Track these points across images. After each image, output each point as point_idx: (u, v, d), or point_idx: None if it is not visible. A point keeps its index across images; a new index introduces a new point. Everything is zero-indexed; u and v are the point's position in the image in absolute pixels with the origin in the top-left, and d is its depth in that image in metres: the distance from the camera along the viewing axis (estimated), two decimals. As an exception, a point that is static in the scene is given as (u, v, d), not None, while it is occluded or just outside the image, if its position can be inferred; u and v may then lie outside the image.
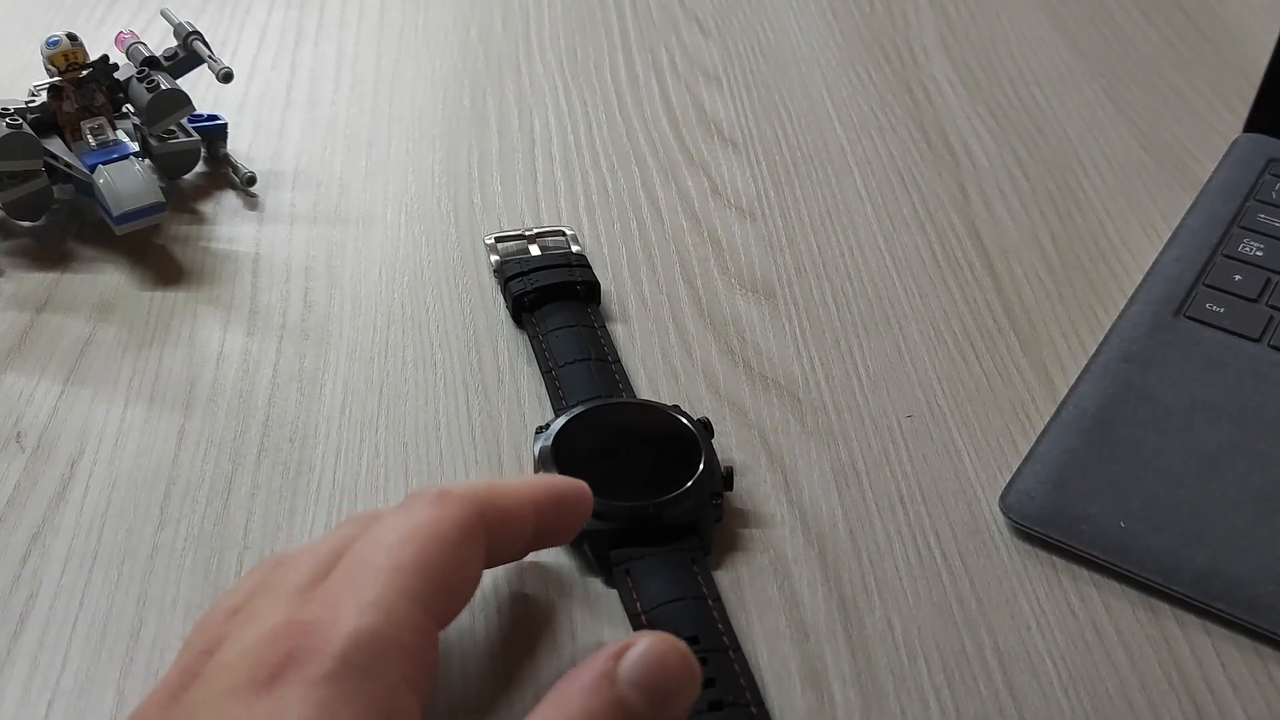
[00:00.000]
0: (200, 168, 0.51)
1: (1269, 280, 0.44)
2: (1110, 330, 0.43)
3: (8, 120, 0.44)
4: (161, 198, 0.45)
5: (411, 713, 0.25)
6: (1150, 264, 0.46)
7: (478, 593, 0.34)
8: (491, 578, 0.35)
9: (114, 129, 0.47)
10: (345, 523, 0.31)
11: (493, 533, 0.29)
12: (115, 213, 0.44)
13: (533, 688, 0.32)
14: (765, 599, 0.35)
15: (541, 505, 0.31)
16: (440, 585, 0.27)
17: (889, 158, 0.53)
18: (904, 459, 0.39)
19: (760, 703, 0.31)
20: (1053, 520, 0.36)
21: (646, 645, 0.26)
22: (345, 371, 0.42)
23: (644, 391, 0.41)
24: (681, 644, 0.27)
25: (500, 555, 0.30)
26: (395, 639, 0.25)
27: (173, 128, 0.49)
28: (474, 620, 0.34)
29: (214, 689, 0.24)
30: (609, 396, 0.39)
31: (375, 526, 0.28)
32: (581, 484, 0.32)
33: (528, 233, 0.46)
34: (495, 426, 0.40)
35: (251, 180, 0.50)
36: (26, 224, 0.47)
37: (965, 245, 0.48)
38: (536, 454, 0.37)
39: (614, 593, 0.34)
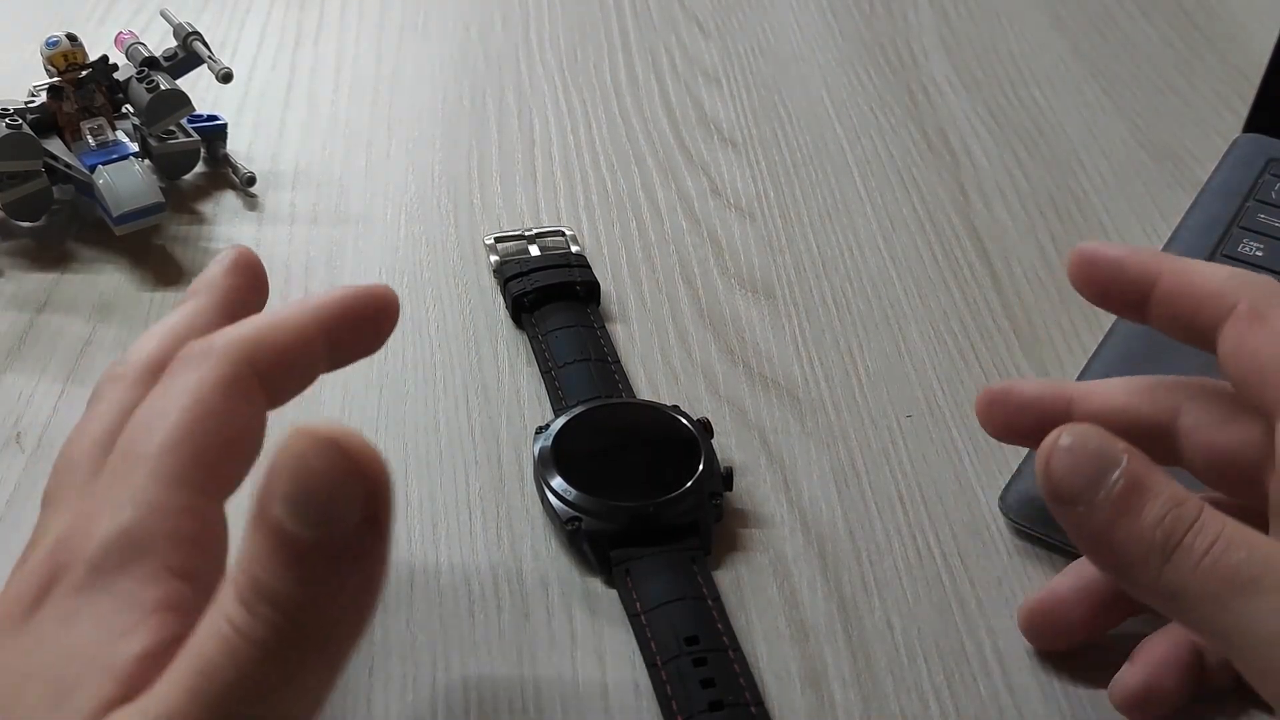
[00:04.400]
0: (200, 168, 0.51)
1: (1269, 280, 0.44)
2: (1110, 330, 0.43)
3: (8, 120, 0.44)
4: (161, 198, 0.45)
5: (175, 596, 0.24)
6: (1150, 264, 0.46)
7: (477, 592, 0.34)
8: (491, 577, 0.35)
9: (114, 129, 0.47)
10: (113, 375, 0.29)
11: (272, 375, 0.27)
12: (115, 213, 0.44)
13: (532, 688, 0.32)
14: (765, 599, 0.35)
15: (328, 323, 0.28)
16: (208, 455, 0.25)
17: (889, 158, 0.53)
18: (904, 459, 0.39)
19: (760, 703, 0.31)
20: (1052, 520, 0.36)
21: (288, 453, 0.21)
22: (345, 372, 0.41)
23: (644, 392, 0.41)
24: (340, 438, 0.21)
25: (290, 392, 0.28)
26: (150, 530, 0.24)
27: (172, 128, 0.49)
28: (473, 620, 0.34)
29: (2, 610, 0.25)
30: (609, 397, 0.39)
31: (140, 407, 0.26)
32: (378, 287, 0.30)
33: (527, 233, 0.46)
34: (495, 426, 0.40)
35: (251, 180, 0.50)
36: (26, 224, 0.47)
37: (965, 245, 0.48)
38: (536, 454, 0.37)
39: (614, 593, 0.34)
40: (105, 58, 0.47)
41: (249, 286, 0.31)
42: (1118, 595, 0.32)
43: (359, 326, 0.29)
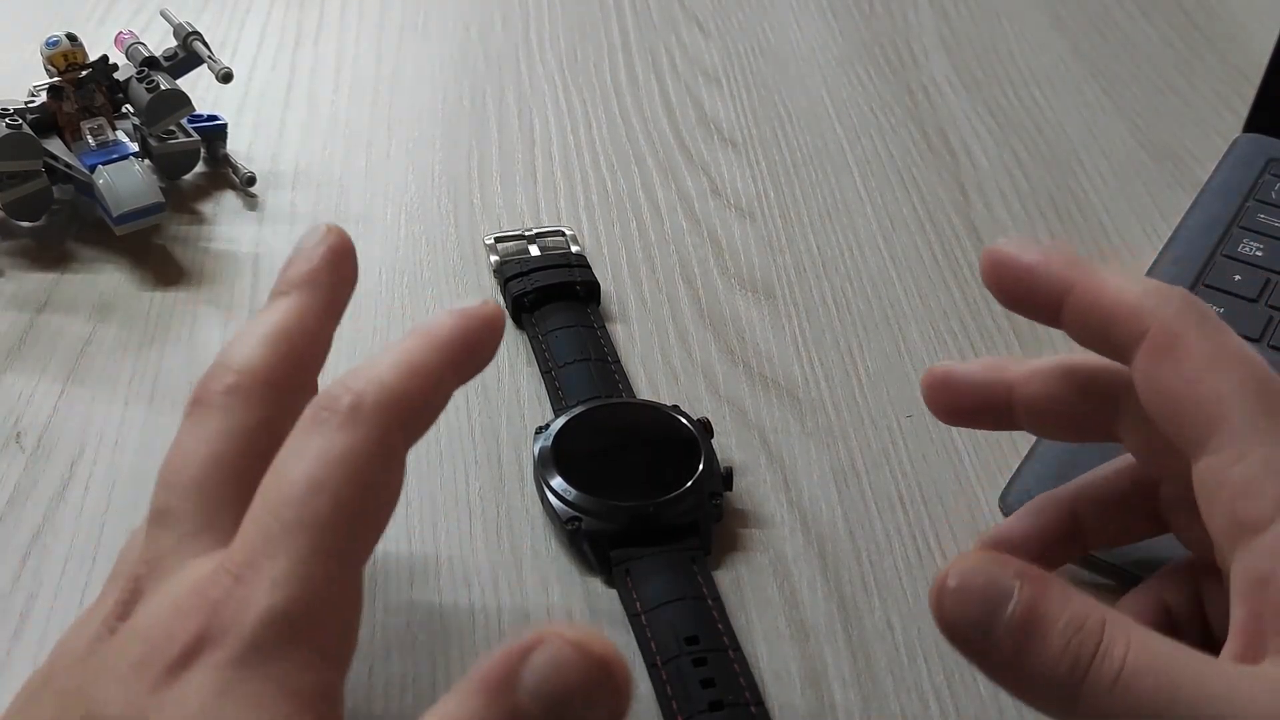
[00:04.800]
0: (200, 168, 0.51)
1: (1269, 280, 0.44)
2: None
3: (8, 120, 0.44)
4: (161, 198, 0.45)
5: (324, 683, 0.24)
6: (1150, 264, 0.46)
7: (477, 592, 0.34)
8: (491, 577, 0.35)
9: (114, 129, 0.47)
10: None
11: (415, 432, 0.27)
12: (115, 213, 0.44)
13: (533, 688, 0.32)
14: (765, 599, 0.35)
15: (457, 362, 0.28)
16: (361, 528, 0.25)
17: (889, 158, 0.53)
18: (904, 459, 0.39)
19: (760, 703, 0.31)
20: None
21: (554, 652, 0.22)
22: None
23: (644, 391, 0.41)
24: (600, 649, 0.22)
25: (421, 434, 0.28)
26: (309, 611, 0.24)
27: (172, 128, 0.49)
28: (473, 620, 0.34)
29: (126, 656, 0.24)
30: (609, 397, 0.39)
31: (286, 458, 0.25)
32: (487, 308, 0.28)
33: (527, 233, 0.46)
34: (495, 426, 0.40)
35: (251, 180, 0.50)
36: (26, 224, 0.47)
37: (965, 245, 0.48)
38: (536, 454, 0.37)
39: (614, 593, 0.34)
40: (105, 58, 0.47)
41: (347, 281, 0.30)
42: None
43: (476, 356, 0.29)
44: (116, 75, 0.48)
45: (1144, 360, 0.26)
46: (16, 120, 0.45)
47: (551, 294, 0.43)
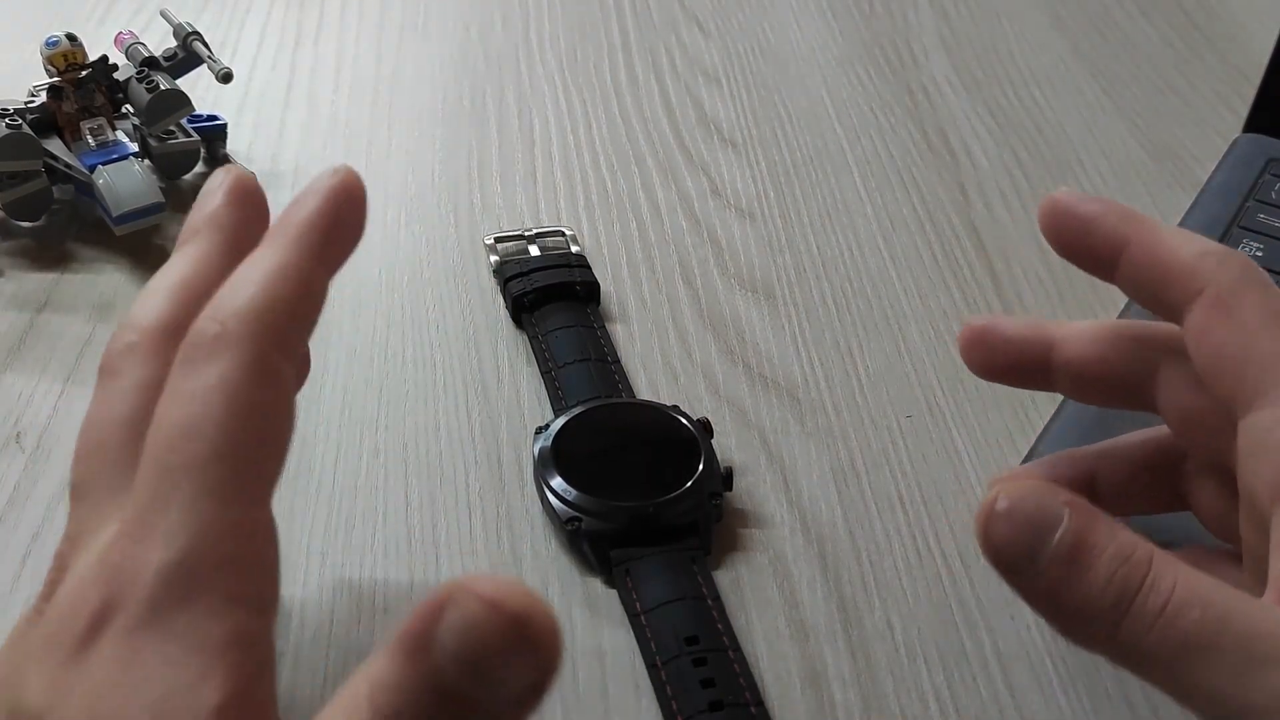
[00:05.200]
0: (200, 168, 0.51)
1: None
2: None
3: (7, 120, 0.44)
4: (161, 198, 0.45)
5: (241, 628, 0.23)
6: (1150, 264, 0.46)
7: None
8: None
9: (114, 129, 0.47)
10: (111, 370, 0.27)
11: (292, 344, 0.25)
12: (115, 213, 0.44)
13: (532, 688, 0.32)
14: (765, 599, 0.35)
15: (321, 252, 0.26)
16: (254, 459, 0.24)
17: (889, 158, 0.53)
18: (904, 459, 0.39)
19: (760, 703, 0.31)
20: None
21: (468, 611, 0.20)
22: (345, 372, 0.42)
23: (644, 392, 0.41)
24: (512, 603, 0.20)
25: (304, 340, 0.26)
26: (207, 558, 0.23)
27: (172, 128, 0.49)
28: (474, 620, 0.34)
29: (43, 637, 0.24)
30: (609, 397, 0.39)
31: (163, 405, 0.24)
32: (340, 178, 0.27)
33: (527, 233, 0.46)
34: (495, 427, 0.40)
35: (251, 180, 0.50)
36: (26, 224, 0.47)
37: (965, 245, 0.48)
38: (536, 454, 0.37)
39: (614, 593, 0.34)
40: (105, 58, 0.47)
41: (254, 219, 0.29)
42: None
43: (343, 237, 0.27)
44: (116, 75, 0.48)
45: (1198, 317, 0.27)
46: (16, 120, 0.45)
47: (551, 294, 0.43)
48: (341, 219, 0.27)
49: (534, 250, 0.46)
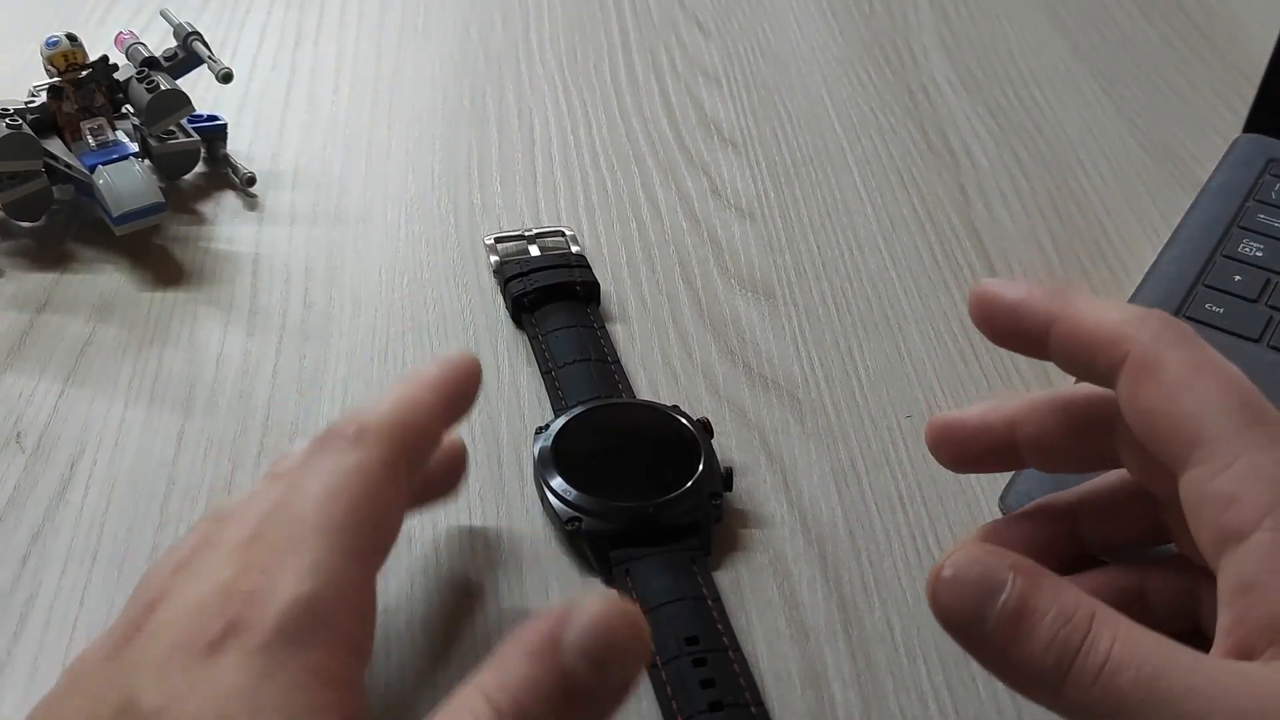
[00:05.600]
0: (200, 168, 0.51)
1: (1269, 281, 0.44)
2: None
3: (8, 120, 0.44)
4: (161, 198, 0.45)
5: (351, 672, 0.25)
6: (1150, 264, 0.46)
7: (477, 591, 0.34)
8: (491, 577, 0.35)
9: (114, 129, 0.47)
10: (276, 473, 0.30)
11: (414, 456, 0.30)
12: (115, 213, 0.44)
13: (533, 688, 0.32)
14: (765, 599, 0.35)
15: (447, 401, 0.31)
16: (373, 534, 0.28)
17: (889, 158, 0.53)
18: (904, 459, 0.39)
19: (760, 703, 0.31)
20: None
21: (595, 613, 0.24)
22: (345, 372, 0.42)
23: (644, 392, 0.41)
24: (632, 610, 0.25)
25: (421, 464, 0.31)
26: (332, 603, 0.25)
27: (172, 128, 0.49)
28: (473, 620, 0.34)
29: (156, 647, 0.25)
30: (609, 397, 0.39)
31: (301, 476, 0.28)
32: (466, 359, 0.32)
33: (527, 233, 0.46)
34: (495, 426, 0.40)
35: (251, 180, 0.50)
36: (26, 224, 0.47)
37: (965, 245, 0.48)
38: (536, 454, 0.37)
39: (614, 593, 0.34)
40: (105, 58, 0.47)
41: (468, 399, 0.33)
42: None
43: (462, 397, 0.32)
44: (116, 75, 0.48)
45: (1125, 383, 0.27)
46: (16, 120, 0.45)
47: (551, 294, 0.43)
48: (462, 391, 0.32)
49: (534, 250, 0.46)
